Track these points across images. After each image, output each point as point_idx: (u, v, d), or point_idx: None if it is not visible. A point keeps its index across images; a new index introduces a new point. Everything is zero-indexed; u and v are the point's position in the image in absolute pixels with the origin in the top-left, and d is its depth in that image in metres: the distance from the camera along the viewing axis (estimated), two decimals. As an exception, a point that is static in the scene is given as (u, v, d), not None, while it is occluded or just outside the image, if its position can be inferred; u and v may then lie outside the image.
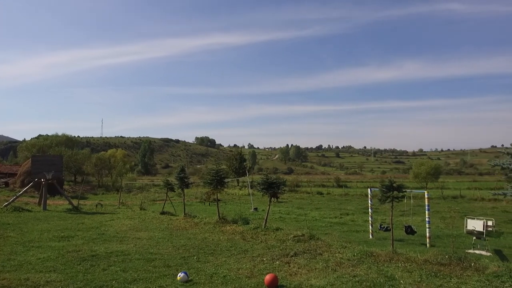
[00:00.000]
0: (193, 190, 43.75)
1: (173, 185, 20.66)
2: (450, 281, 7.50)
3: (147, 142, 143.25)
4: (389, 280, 7.68)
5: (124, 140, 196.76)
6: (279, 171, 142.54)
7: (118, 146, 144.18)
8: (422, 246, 13.46)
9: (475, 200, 37.06)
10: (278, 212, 24.74)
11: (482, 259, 9.39)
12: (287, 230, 13.44)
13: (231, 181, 57.44)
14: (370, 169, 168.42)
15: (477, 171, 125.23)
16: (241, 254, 10.41)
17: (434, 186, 54.17)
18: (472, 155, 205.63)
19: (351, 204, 32.76)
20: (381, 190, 10.94)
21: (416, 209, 21.66)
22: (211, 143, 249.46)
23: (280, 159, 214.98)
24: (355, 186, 60.47)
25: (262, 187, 14.32)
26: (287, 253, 10.22)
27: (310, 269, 8.71)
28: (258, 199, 33.57)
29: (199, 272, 8.60)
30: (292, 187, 50.76)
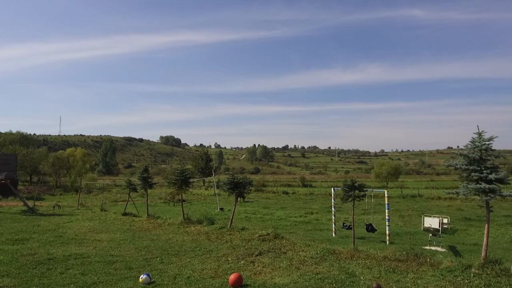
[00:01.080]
0: (157, 190, 42.82)
1: (136, 185, 20.14)
2: (407, 276, 7.82)
3: (108, 141, 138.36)
4: (350, 277, 7.90)
5: (84, 139, 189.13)
6: (246, 171, 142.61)
7: (78, 145, 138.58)
8: (382, 243, 13.93)
9: (432, 199, 38.85)
10: (244, 212, 24.72)
11: (437, 255, 9.87)
12: (252, 230, 13.48)
13: (197, 181, 56.82)
14: (334, 169, 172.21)
15: (434, 171, 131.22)
16: (206, 255, 10.32)
17: (394, 186, 56.18)
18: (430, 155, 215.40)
19: (316, 203, 33.35)
20: (343, 190, 11.21)
21: (377, 208, 22.40)
22: (177, 143, 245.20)
23: (247, 159, 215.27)
24: (319, 185, 61.64)
25: (228, 187, 14.27)
26: (252, 252, 10.25)
27: (274, 268, 8.78)
28: (224, 199, 33.42)
29: (162, 274, 8.45)
30: (259, 186, 50.90)
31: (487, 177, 7.86)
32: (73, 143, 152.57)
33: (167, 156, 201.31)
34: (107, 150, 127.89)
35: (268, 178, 72.67)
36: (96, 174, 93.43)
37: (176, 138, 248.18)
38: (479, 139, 8.27)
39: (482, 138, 8.24)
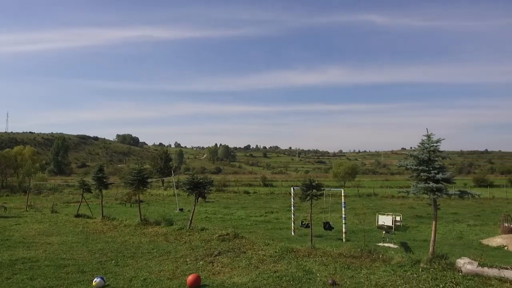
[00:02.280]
0: (112, 191, 41.38)
1: (90, 185, 19.33)
2: (360, 272, 8.12)
3: (60, 139, 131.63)
4: (307, 274, 8.08)
5: (34, 136, 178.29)
6: (207, 170, 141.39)
7: (27, 142, 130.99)
8: (339, 240, 14.37)
9: (386, 197, 40.70)
10: (204, 212, 24.54)
11: (389, 251, 10.32)
12: (212, 230, 13.40)
13: (155, 182, 55.54)
14: (295, 169, 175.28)
15: (389, 171, 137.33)
16: (164, 256, 10.13)
17: (351, 185, 58.26)
18: (385, 156, 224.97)
19: (276, 202, 33.79)
20: (301, 189, 11.44)
21: (335, 207, 23.06)
22: (134, 141, 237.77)
23: (209, 158, 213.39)
24: (280, 185, 62.48)
25: (187, 187, 14.08)
26: (211, 252, 10.19)
27: (233, 267, 8.79)
28: (184, 199, 32.94)
29: (117, 277, 8.19)
30: (220, 186, 50.74)
31: (434, 177, 8.35)
32: (22, 141, 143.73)
33: (124, 155, 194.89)
34: (59, 149, 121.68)
35: (229, 178, 72.63)
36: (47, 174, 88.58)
37: (134, 137, 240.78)
38: (428, 141, 8.76)
39: (430, 140, 8.73)
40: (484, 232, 17.41)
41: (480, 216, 23.69)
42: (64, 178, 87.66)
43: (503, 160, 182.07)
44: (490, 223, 20.07)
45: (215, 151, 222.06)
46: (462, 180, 65.10)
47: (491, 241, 14.98)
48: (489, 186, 50.29)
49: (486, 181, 58.19)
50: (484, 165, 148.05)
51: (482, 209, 28.11)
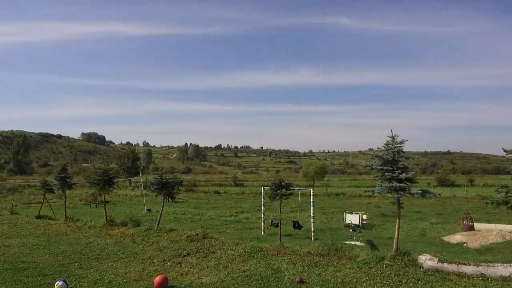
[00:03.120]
0: (77, 191, 40.01)
1: (53, 185, 18.55)
2: (327, 270, 8.28)
3: (21, 136, 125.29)
4: (275, 272, 8.15)
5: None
6: (176, 170, 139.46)
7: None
8: (307, 239, 14.59)
9: (354, 196, 41.68)
10: (173, 213, 24.19)
11: (355, 249, 10.59)
12: (181, 231, 13.22)
13: (122, 181, 54.15)
14: (266, 168, 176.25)
15: (357, 171, 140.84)
16: (130, 258, 9.89)
17: (321, 184, 59.17)
18: (353, 156, 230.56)
19: (247, 202, 33.85)
20: (271, 188, 11.52)
21: (304, 206, 23.39)
22: (100, 140, 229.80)
23: (178, 158, 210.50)
24: (251, 185, 62.60)
25: (155, 187, 13.83)
26: (180, 253, 10.06)
27: (202, 268, 8.72)
28: (152, 200, 32.34)
29: (81, 279, 7.92)
30: (190, 186, 50.14)
31: (398, 177, 8.64)
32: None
33: (90, 154, 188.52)
34: (19, 147, 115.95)
35: (199, 178, 72.03)
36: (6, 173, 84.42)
37: (100, 135, 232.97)
38: (392, 142, 9.05)
39: (395, 141, 9.03)
40: (445, 230, 18.18)
41: (442, 215, 24.71)
42: (24, 178, 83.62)
43: (464, 161, 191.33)
44: (451, 221, 20.98)
45: (185, 150, 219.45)
46: (425, 179, 67.81)
47: (451, 238, 15.69)
48: (451, 186, 52.62)
49: (448, 180, 60.73)
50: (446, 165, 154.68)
51: (444, 207, 29.34)
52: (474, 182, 62.10)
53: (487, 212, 23.72)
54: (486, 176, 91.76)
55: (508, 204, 7.74)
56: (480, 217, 21.34)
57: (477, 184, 58.11)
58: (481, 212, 23.92)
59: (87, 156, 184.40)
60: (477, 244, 14.25)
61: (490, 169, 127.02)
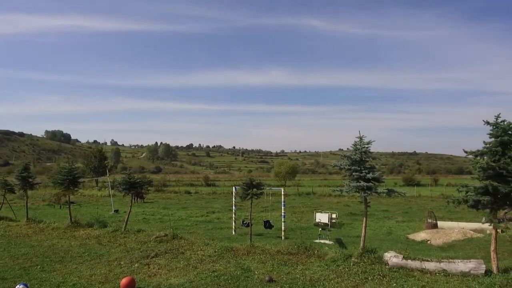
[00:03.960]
0: (40, 191, 38.36)
1: (13, 185, 17.69)
2: (296, 268, 8.37)
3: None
4: (245, 272, 8.15)
5: None
6: (146, 170, 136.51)
7: None
8: (278, 238, 14.68)
9: (324, 196, 42.35)
10: (142, 213, 23.70)
11: (324, 247, 10.77)
12: (149, 231, 12.98)
13: (88, 181, 52.50)
14: (238, 168, 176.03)
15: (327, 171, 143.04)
16: (96, 260, 9.61)
17: (292, 184, 59.78)
18: (324, 156, 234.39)
19: (218, 202, 33.65)
20: (242, 188, 11.50)
21: (275, 205, 23.49)
22: (66, 138, 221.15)
23: (148, 157, 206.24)
24: (223, 184, 62.31)
25: (123, 187, 13.49)
26: (148, 254, 9.86)
27: (170, 269, 8.59)
28: (120, 200, 31.53)
29: (43, 283, 7.65)
30: (159, 186, 49.26)
31: (365, 176, 8.86)
32: None
33: (54, 153, 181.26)
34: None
35: (170, 178, 70.97)
36: (-37, 173, 79.81)
37: (65, 133, 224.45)
38: (360, 142, 9.27)
39: (362, 141, 9.25)
40: (410, 228, 18.78)
41: (408, 213, 25.53)
42: (-16, 178, 79.41)
43: (429, 161, 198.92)
44: (416, 219, 21.70)
45: (155, 149, 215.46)
46: (393, 179, 69.94)
47: (416, 236, 16.24)
48: (416, 185, 54.49)
49: (414, 180, 62.80)
50: (412, 165, 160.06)
51: (409, 206, 30.32)
52: (438, 182, 64.58)
53: (449, 210, 24.72)
54: (450, 176, 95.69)
55: (468, 203, 8.08)
56: (444, 216, 22.20)
57: (441, 183, 60.48)
58: (444, 211, 24.90)
59: (51, 155, 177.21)
60: (440, 242, 14.81)
61: (454, 170, 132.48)
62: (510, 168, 7.70)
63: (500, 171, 7.70)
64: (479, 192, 7.89)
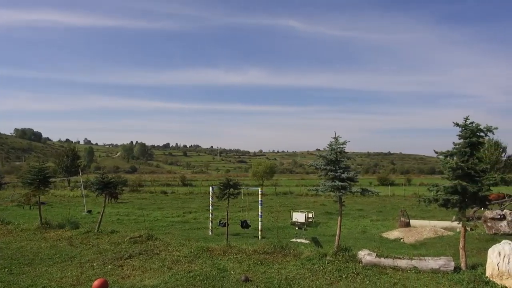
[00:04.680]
0: (8, 191, 36.97)
1: (-20, 186, 16.99)
2: (272, 267, 8.41)
3: None
4: (221, 272, 8.12)
5: None
6: (120, 170, 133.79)
7: None
8: (255, 238, 14.68)
9: (301, 195, 42.75)
10: (116, 214, 23.20)
11: (300, 246, 10.85)
12: (123, 232, 12.73)
13: (60, 181, 50.95)
14: (216, 168, 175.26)
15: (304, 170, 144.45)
16: (67, 262, 9.33)
17: (270, 184, 60.00)
18: (301, 156, 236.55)
19: (195, 202, 33.35)
20: (219, 188, 11.45)
21: (253, 205, 23.53)
22: (36, 137, 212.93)
23: (123, 157, 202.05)
24: (200, 184, 61.82)
25: (96, 187, 13.17)
26: (122, 256, 9.67)
27: (145, 270, 8.45)
28: (93, 200, 30.76)
29: (11, 286, 7.41)
30: (135, 186, 48.28)
31: (340, 176, 9.00)
32: None
33: (24, 152, 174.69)
34: None
35: (145, 178, 69.84)
36: None
37: (36, 132, 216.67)
38: (335, 142, 9.41)
39: (338, 142, 9.39)
40: (384, 226, 19.20)
41: (382, 212, 26.10)
42: None
43: (403, 162, 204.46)
44: (390, 218, 22.20)
45: (130, 149, 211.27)
46: (368, 179, 71.42)
47: (389, 234, 16.61)
48: (390, 185, 55.84)
49: (388, 180, 64.32)
50: (387, 165, 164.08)
51: (383, 205, 31.01)
52: (412, 181, 66.45)
53: (422, 209, 25.44)
54: (422, 176, 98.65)
55: (438, 202, 8.35)
56: (416, 214, 22.83)
57: (414, 183, 62.22)
58: (417, 210, 25.60)
59: (20, 153, 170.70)
60: (413, 240, 15.22)
61: (426, 169, 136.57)
62: (477, 168, 8.00)
63: (469, 171, 8.00)
64: (449, 191, 8.16)
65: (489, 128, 7.98)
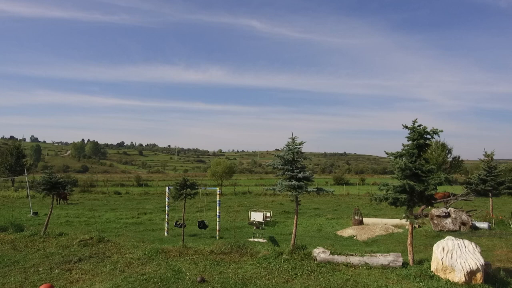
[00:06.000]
0: None
1: None
2: (229, 267, 8.37)
3: None
4: (176, 274, 7.95)
5: None
6: (70, 169, 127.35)
7: None
8: (212, 238, 14.54)
9: (260, 195, 42.99)
10: (65, 216, 22.04)
11: (257, 246, 10.90)
12: (72, 235, 12.10)
13: (4, 181, 47.58)
14: (173, 168, 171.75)
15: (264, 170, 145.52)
16: (10, 267, 8.71)
17: (229, 184, 59.86)
18: (261, 156, 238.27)
19: (151, 203, 32.47)
20: (175, 188, 11.23)
21: (211, 205, 23.33)
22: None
23: (73, 155, 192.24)
24: (156, 184, 60.33)
25: (43, 188, 12.42)
26: (70, 259, 9.20)
27: (95, 274, 8.08)
28: (40, 202, 29.07)
29: None
30: (86, 187, 46.18)
31: (297, 176, 9.16)
32: None
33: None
34: None
35: (98, 178, 67.04)
36: None
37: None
38: (292, 143, 9.55)
39: (294, 142, 9.55)
40: (339, 225, 19.78)
41: (337, 211, 26.89)
42: None
43: (357, 162, 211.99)
44: (344, 216, 22.93)
45: (81, 147, 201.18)
46: (324, 178, 73.44)
47: (344, 232, 17.15)
48: (345, 184, 57.78)
49: (343, 179, 66.46)
50: (342, 165, 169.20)
51: (339, 204, 31.99)
52: (366, 181, 69.09)
53: (374, 208, 26.56)
54: (376, 175, 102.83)
55: (388, 200, 8.75)
56: (369, 213, 23.77)
57: (368, 182, 64.76)
58: (370, 208, 26.69)
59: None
60: (365, 237, 15.81)
61: (379, 169, 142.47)
62: (424, 168, 8.47)
63: (416, 171, 8.44)
64: (398, 190, 8.57)
65: (435, 131, 8.46)
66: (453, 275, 7.36)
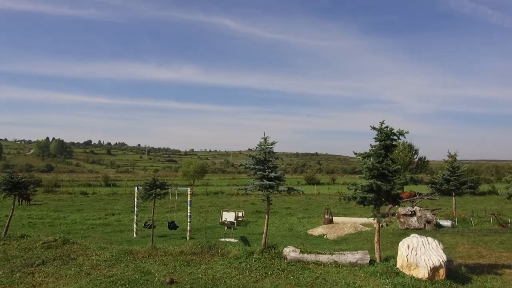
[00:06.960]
0: None
1: None
2: (199, 268, 8.30)
3: None
4: (144, 275, 7.80)
5: None
6: (34, 168, 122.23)
7: None
8: (183, 239, 14.38)
9: (232, 195, 42.88)
10: (28, 217, 21.14)
11: (229, 246, 10.86)
12: (35, 237, 11.62)
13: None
14: (143, 167, 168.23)
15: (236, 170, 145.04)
16: (-36, 272, 8.23)
17: (200, 183, 59.34)
18: (233, 156, 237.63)
19: (119, 203, 31.69)
20: (144, 188, 11.01)
21: (182, 205, 23.04)
22: None
23: (37, 154, 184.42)
24: (125, 185, 58.92)
25: (4, 188, 11.86)
26: (33, 262, 8.83)
27: (59, 277, 7.80)
28: (1, 202, 27.70)
29: None
30: (50, 187, 44.39)
31: (268, 175, 9.20)
32: None
33: None
34: None
35: (63, 177, 64.67)
36: None
37: None
38: (264, 143, 9.59)
39: (266, 142, 9.59)
40: (310, 224, 20.05)
41: (308, 210, 27.25)
42: None
43: (328, 162, 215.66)
44: (315, 215, 23.26)
45: (46, 145, 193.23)
46: (296, 178, 74.24)
47: (314, 231, 17.40)
48: (317, 184, 58.68)
49: (314, 179, 67.42)
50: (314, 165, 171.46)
51: (310, 203, 32.43)
52: (336, 180, 70.39)
53: (344, 207, 27.11)
54: (346, 175, 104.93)
55: (356, 199, 8.96)
56: (339, 212, 24.24)
57: (338, 182, 65.99)
58: (340, 207, 27.22)
59: None
60: (335, 236, 16.13)
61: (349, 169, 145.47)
62: (391, 168, 8.73)
63: (383, 171, 8.69)
64: (366, 190, 8.79)
65: (401, 132, 8.75)
66: (417, 272, 7.63)
